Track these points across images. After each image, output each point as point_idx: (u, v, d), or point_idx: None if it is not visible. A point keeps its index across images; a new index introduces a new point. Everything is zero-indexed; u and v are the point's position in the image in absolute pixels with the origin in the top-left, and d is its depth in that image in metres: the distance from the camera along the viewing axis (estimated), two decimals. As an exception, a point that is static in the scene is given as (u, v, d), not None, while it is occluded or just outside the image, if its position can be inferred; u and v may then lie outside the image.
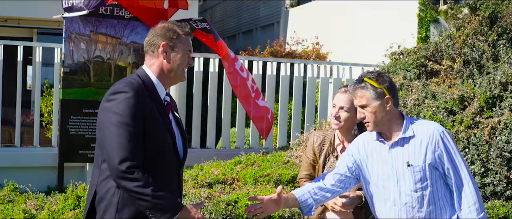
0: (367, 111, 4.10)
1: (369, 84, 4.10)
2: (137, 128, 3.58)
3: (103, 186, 3.69)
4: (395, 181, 4.14)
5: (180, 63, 3.83)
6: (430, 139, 4.08)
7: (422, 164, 4.07)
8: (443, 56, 9.61)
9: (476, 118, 7.96)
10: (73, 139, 8.57)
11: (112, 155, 3.51)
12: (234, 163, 7.92)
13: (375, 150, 4.23)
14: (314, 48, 15.07)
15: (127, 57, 8.86)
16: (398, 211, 4.15)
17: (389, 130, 4.16)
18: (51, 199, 7.19)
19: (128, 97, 3.58)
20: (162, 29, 3.81)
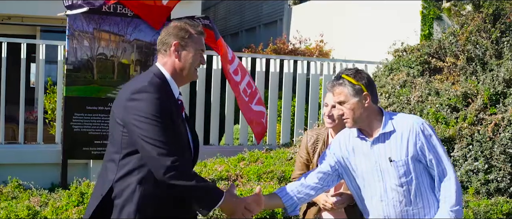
0: (346, 108, 4.11)
1: (347, 81, 4.11)
2: (169, 125, 3.62)
3: (121, 183, 3.70)
4: (380, 176, 4.14)
5: (192, 62, 3.86)
6: (411, 132, 4.09)
7: (405, 158, 4.08)
8: (446, 53, 9.61)
9: (480, 115, 7.95)
10: (77, 136, 8.58)
11: (153, 155, 3.54)
12: (238, 160, 7.93)
13: (357, 147, 4.23)
14: (318, 45, 15.06)
15: (130, 55, 8.86)
16: (386, 207, 4.16)
17: (369, 126, 4.17)
18: (54, 195, 7.21)
19: (155, 97, 3.61)
20: (175, 28, 3.84)
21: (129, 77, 8.82)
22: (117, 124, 3.71)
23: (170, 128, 3.62)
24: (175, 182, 3.57)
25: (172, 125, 3.67)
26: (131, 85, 3.74)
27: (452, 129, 7.82)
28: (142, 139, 3.57)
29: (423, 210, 4.13)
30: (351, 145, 4.26)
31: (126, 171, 3.68)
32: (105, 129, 8.70)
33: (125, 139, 3.67)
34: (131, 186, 3.66)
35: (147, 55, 8.96)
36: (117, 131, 3.72)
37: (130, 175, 3.67)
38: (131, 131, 3.63)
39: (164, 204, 3.72)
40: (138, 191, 3.66)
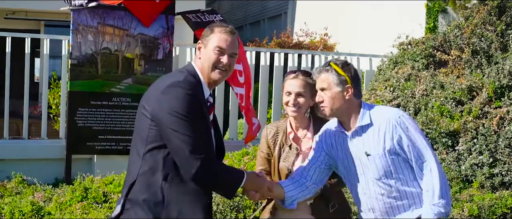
0: (326, 95, 4.11)
1: (333, 69, 4.11)
2: (200, 122, 3.64)
3: (145, 177, 3.69)
4: (361, 170, 4.15)
5: (207, 60, 3.84)
6: (387, 126, 4.07)
7: (382, 152, 4.06)
8: (451, 46, 9.56)
9: (485, 108, 7.92)
10: (81, 131, 8.59)
11: (182, 151, 3.56)
12: (242, 154, 7.90)
13: (338, 140, 4.25)
14: (322, 39, 15.03)
15: (134, 49, 8.86)
16: (369, 199, 4.17)
17: (349, 120, 4.18)
18: (58, 191, 7.21)
19: (187, 93, 3.62)
20: (206, 29, 3.89)
21: (133, 72, 8.82)
22: (144, 117, 3.71)
23: (200, 125, 3.63)
24: (203, 181, 3.64)
25: (202, 122, 3.68)
26: (165, 80, 3.75)
27: (456, 122, 7.79)
28: (171, 133, 3.58)
29: (408, 201, 4.12)
30: (334, 137, 4.28)
31: (150, 166, 3.68)
32: (109, 123, 8.70)
33: (151, 132, 3.66)
34: (157, 182, 3.66)
35: (151, 49, 8.96)
36: (144, 124, 3.71)
37: (156, 171, 3.67)
38: (160, 125, 3.63)
39: (189, 200, 3.71)
40: (164, 187, 3.66)
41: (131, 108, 8.76)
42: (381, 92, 8.91)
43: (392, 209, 4.13)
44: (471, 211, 6.78)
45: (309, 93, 4.44)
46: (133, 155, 3.81)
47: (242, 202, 6.35)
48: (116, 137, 8.73)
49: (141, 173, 3.69)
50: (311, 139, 4.49)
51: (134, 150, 3.81)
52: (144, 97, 3.83)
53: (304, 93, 4.43)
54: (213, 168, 3.65)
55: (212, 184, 3.71)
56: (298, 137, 4.55)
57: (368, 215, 4.22)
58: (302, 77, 4.47)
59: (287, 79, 4.51)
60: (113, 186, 6.58)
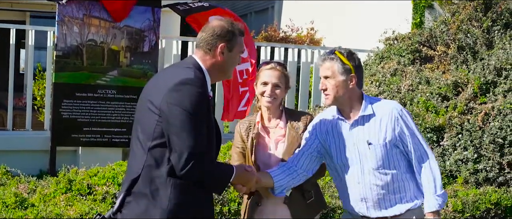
0: (330, 83, 4.17)
1: (338, 58, 4.16)
2: (204, 121, 3.63)
3: (150, 171, 3.68)
4: (357, 159, 4.20)
5: (233, 63, 3.92)
6: (389, 117, 4.15)
7: (382, 142, 4.14)
8: (437, 42, 9.59)
9: (470, 104, 7.95)
10: (66, 123, 8.54)
11: (181, 149, 3.54)
12: (227, 147, 7.88)
13: (336, 128, 4.29)
14: (309, 33, 15.03)
15: (120, 41, 8.81)
16: (363, 189, 4.21)
17: (350, 108, 4.23)
18: (43, 182, 7.17)
19: (198, 91, 3.61)
20: (222, 29, 3.84)
21: (119, 64, 8.77)
22: (151, 113, 3.68)
23: (204, 123, 3.64)
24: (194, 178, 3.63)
25: (208, 120, 3.69)
26: (173, 76, 3.71)
27: (442, 118, 7.81)
28: (176, 129, 3.57)
29: (400, 194, 4.20)
30: (331, 125, 4.31)
31: (156, 160, 3.67)
32: (94, 116, 8.66)
33: (158, 128, 3.64)
34: (162, 176, 3.65)
35: (137, 42, 8.92)
36: (150, 119, 3.69)
37: (161, 165, 3.66)
38: (166, 120, 3.61)
39: (194, 195, 3.73)
40: (169, 181, 3.65)
41: (116, 100, 8.72)
42: (367, 87, 8.92)
43: (384, 201, 4.20)
44: (455, 207, 6.81)
45: (284, 84, 4.47)
46: (136, 149, 3.78)
47: (226, 195, 6.35)
48: (101, 129, 8.69)
49: (146, 167, 3.68)
50: (283, 128, 4.50)
51: (137, 144, 3.78)
52: (148, 93, 3.80)
53: (281, 84, 4.45)
54: (206, 167, 3.63)
55: (203, 181, 3.70)
56: (267, 127, 4.54)
57: (359, 206, 4.26)
58: (279, 68, 4.49)
59: (264, 69, 4.52)
60: (98, 178, 6.54)
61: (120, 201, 3.76)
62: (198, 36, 3.90)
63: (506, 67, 8.16)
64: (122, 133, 8.75)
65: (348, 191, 4.29)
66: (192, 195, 3.72)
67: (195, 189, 3.72)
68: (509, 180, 7.34)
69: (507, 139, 7.46)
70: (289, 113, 4.58)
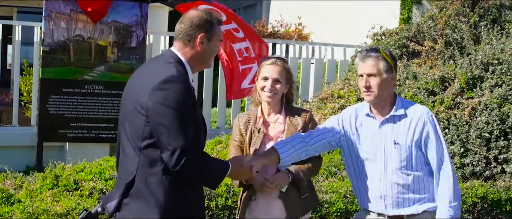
0: (374, 81, 4.20)
1: (382, 56, 4.22)
2: (190, 117, 3.63)
3: (145, 171, 3.67)
4: (382, 157, 4.24)
5: (213, 52, 3.92)
6: (419, 120, 4.21)
7: (409, 144, 4.19)
8: (424, 37, 9.61)
9: (457, 99, 7.97)
10: (53, 118, 8.53)
11: (171, 147, 3.53)
12: (215, 143, 7.88)
13: (365, 125, 4.34)
14: (297, 28, 15.04)
15: (107, 36, 8.79)
16: (384, 187, 4.26)
17: (383, 107, 4.29)
18: (29, 178, 7.14)
19: (183, 88, 3.60)
20: (200, 19, 3.82)
21: (106, 60, 8.76)
22: (138, 113, 3.66)
23: (190, 119, 3.63)
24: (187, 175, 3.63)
25: (193, 114, 3.68)
26: (156, 73, 3.68)
27: (429, 112, 7.83)
28: (163, 128, 3.55)
29: (419, 195, 4.25)
30: (360, 121, 4.37)
31: (149, 160, 3.65)
32: (81, 111, 8.64)
33: (147, 128, 3.63)
34: (157, 176, 3.64)
35: (125, 37, 8.90)
36: (138, 119, 3.66)
37: (155, 164, 3.64)
38: (153, 118, 3.59)
39: (190, 192, 3.74)
40: (165, 180, 3.64)
41: (103, 96, 8.71)
42: (354, 82, 8.93)
43: (403, 200, 4.26)
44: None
45: (285, 79, 4.48)
46: (128, 150, 3.75)
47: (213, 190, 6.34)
48: (88, 124, 8.68)
49: (140, 167, 3.67)
50: (282, 123, 4.51)
51: (128, 145, 3.75)
52: (132, 91, 3.76)
53: (281, 79, 4.46)
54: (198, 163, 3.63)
55: (197, 177, 3.70)
56: (268, 122, 4.55)
57: (377, 203, 4.31)
58: (280, 63, 4.50)
59: (264, 65, 4.52)
60: (84, 173, 6.52)
61: (117, 204, 3.74)
62: (176, 28, 3.88)
63: (493, 62, 8.18)
64: (109, 129, 8.74)
65: (368, 188, 4.35)
66: (187, 193, 3.72)
67: (190, 187, 3.73)
68: (496, 174, 7.37)
69: (494, 134, 7.49)
70: (288, 108, 4.58)
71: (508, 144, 7.47)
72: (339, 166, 7.16)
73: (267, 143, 4.50)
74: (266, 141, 4.51)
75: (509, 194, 7.07)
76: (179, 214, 3.69)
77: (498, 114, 7.58)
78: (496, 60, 8.17)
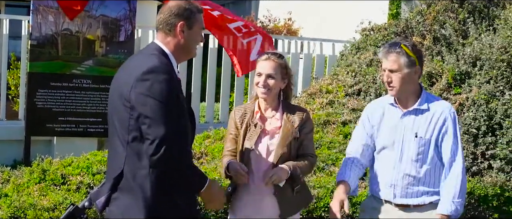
0: (396, 76, 4.29)
1: (404, 51, 4.28)
2: (175, 108, 3.62)
3: (132, 165, 3.68)
4: (400, 146, 4.38)
5: (195, 41, 3.92)
6: (441, 116, 4.32)
7: (429, 138, 4.32)
8: (413, 32, 9.63)
9: (444, 94, 7.99)
10: (40, 112, 8.50)
11: (153, 137, 3.51)
12: (203, 138, 7.87)
13: (387, 114, 4.48)
14: (286, 24, 15.04)
15: (96, 30, 8.77)
16: (396, 175, 4.39)
17: (407, 99, 4.40)
18: (16, 172, 7.12)
19: (165, 78, 3.60)
20: (179, 8, 3.84)
21: (94, 54, 8.73)
22: (124, 107, 3.67)
23: (174, 111, 3.61)
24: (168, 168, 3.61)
25: (178, 105, 3.66)
26: (139, 65, 3.69)
27: (417, 108, 7.85)
28: (146, 119, 3.55)
29: (428, 187, 4.38)
30: (382, 110, 4.51)
31: (136, 153, 3.66)
32: (69, 105, 8.62)
33: (133, 120, 3.63)
34: (144, 170, 3.64)
35: (113, 31, 8.88)
36: (124, 113, 3.67)
37: (142, 158, 3.64)
38: (136, 110, 3.60)
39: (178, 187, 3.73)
40: (152, 173, 3.64)
41: (91, 90, 8.68)
42: (343, 78, 8.95)
43: (412, 191, 4.38)
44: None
45: (280, 75, 4.49)
46: (116, 145, 3.77)
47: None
48: (76, 119, 8.65)
49: (128, 162, 3.68)
50: (279, 119, 4.52)
51: (116, 140, 3.77)
52: (118, 85, 3.77)
53: (275, 75, 4.47)
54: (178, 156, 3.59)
55: (175, 172, 3.66)
56: (265, 117, 4.56)
57: (387, 191, 4.45)
58: (274, 59, 4.51)
59: (259, 61, 4.55)
60: (72, 168, 6.51)
61: (106, 199, 3.75)
62: (156, 19, 3.89)
63: (481, 57, 8.20)
64: (98, 123, 8.72)
65: (380, 175, 4.49)
66: (175, 186, 3.71)
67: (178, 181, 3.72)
68: (483, 170, 7.40)
69: (481, 129, 7.52)
70: (286, 105, 4.59)
71: (496, 140, 7.50)
72: (327, 161, 7.17)
73: (263, 138, 4.50)
74: (262, 136, 4.52)
75: (496, 189, 7.10)
76: (167, 209, 3.68)
77: (486, 110, 7.61)
78: (484, 56, 8.19)
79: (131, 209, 3.67)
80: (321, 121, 7.96)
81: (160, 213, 3.68)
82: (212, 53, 10.03)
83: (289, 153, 4.47)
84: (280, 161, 4.43)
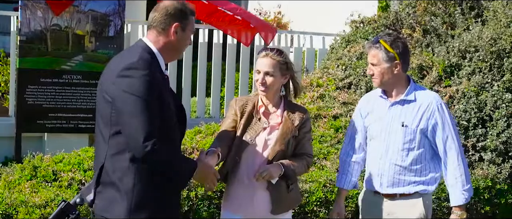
0: (376, 69, 4.51)
1: (383, 46, 4.47)
2: (156, 105, 3.65)
3: (113, 160, 3.72)
4: (387, 136, 4.54)
5: (186, 43, 3.98)
6: (428, 107, 4.48)
7: (414, 128, 4.48)
8: (403, 25, 9.64)
9: (435, 87, 8.01)
10: (31, 109, 8.46)
11: (135, 134, 3.57)
12: (194, 133, 7.86)
13: (377, 106, 4.67)
14: (276, 17, 15.04)
15: (85, 26, 8.74)
16: (382, 165, 4.57)
17: (394, 90, 4.58)
18: (7, 169, 7.10)
19: (145, 74, 3.63)
20: (175, 9, 3.87)
21: (84, 49, 8.70)
22: (105, 101, 3.71)
23: (156, 108, 3.64)
24: (153, 164, 3.68)
25: (160, 102, 3.69)
26: (121, 61, 3.74)
27: (407, 101, 7.86)
28: (126, 115, 3.59)
29: (415, 176, 4.53)
30: (372, 103, 4.72)
31: (117, 149, 3.70)
32: (59, 101, 8.58)
33: (114, 116, 3.68)
34: (124, 164, 3.69)
35: (103, 26, 8.85)
36: (105, 107, 3.72)
37: (122, 153, 3.69)
38: (117, 107, 3.64)
39: (157, 183, 3.76)
40: (131, 168, 3.69)
41: (82, 86, 8.65)
42: (333, 71, 8.95)
43: (399, 180, 4.55)
44: (421, 188, 6.86)
45: (280, 72, 4.47)
46: (98, 139, 3.84)
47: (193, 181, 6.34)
48: (66, 115, 8.62)
49: (109, 156, 3.73)
50: (279, 116, 4.52)
51: (99, 134, 3.83)
52: (102, 79, 3.83)
53: (273, 72, 4.45)
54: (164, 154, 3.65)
55: (163, 170, 3.75)
56: (269, 112, 4.55)
57: (375, 180, 4.64)
58: (272, 55, 4.48)
59: (258, 58, 4.56)
60: (63, 164, 6.50)
61: (94, 193, 3.81)
62: (150, 17, 3.91)
63: (470, 49, 8.22)
64: (88, 119, 8.69)
65: (369, 166, 4.70)
66: (156, 180, 3.75)
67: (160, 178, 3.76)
68: (474, 162, 7.43)
69: (471, 122, 7.55)
70: (287, 103, 4.59)
71: (486, 131, 7.54)
72: (319, 155, 7.18)
73: (262, 133, 4.50)
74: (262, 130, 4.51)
75: (487, 182, 7.14)
76: (147, 201, 3.73)
77: (476, 102, 7.64)
78: (473, 48, 8.21)
79: (114, 202, 3.73)
80: (312, 114, 7.97)
81: (141, 205, 3.72)
82: (202, 47, 10.01)
83: (286, 150, 4.46)
84: (275, 158, 4.43)
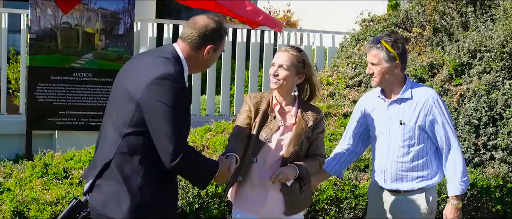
0: (376, 69, 4.58)
1: (384, 46, 4.54)
2: (184, 115, 3.73)
3: (122, 157, 3.72)
4: (388, 135, 4.66)
5: (214, 62, 4.08)
6: (425, 104, 4.57)
7: (413, 125, 4.57)
8: (413, 23, 9.62)
9: (445, 86, 8.00)
10: (41, 106, 8.49)
11: (164, 145, 3.60)
12: (204, 130, 7.86)
13: (376, 106, 4.76)
14: (285, 15, 15.02)
15: (95, 24, 8.76)
16: (385, 162, 4.68)
17: (391, 89, 4.67)
18: (18, 166, 7.12)
19: (179, 87, 3.67)
20: (212, 31, 3.88)
21: (94, 47, 8.72)
22: (128, 100, 3.70)
23: (184, 117, 3.72)
24: (180, 172, 3.77)
25: (187, 111, 3.80)
26: (154, 67, 3.73)
27: (418, 99, 7.85)
28: (159, 123, 3.61)
29: (417, 172, 4.63)
30: (371, 104, 4.81)
31: (128, 149, 3.70)
32: (70, 99, 8.61)
33: (136, 116, 3.67)
34: (133, 165, 3.70)
35: (112, 24, 8.87)
36: (127, 106, 3.71)
37: (134, 153, 3.70)
38: (148, 113, 3.64)
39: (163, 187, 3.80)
40: (140, 171, 3.70)
41: (92, 83, 8.67)
42: (343, 69, 8.94)
43: (402, 176, 4.66)
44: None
45: (294, 68, 4.41)
46: (109, 132, 3.80)
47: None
48: (77, 112, 8.64)
49: (119, 153, 3.71)
50: (293, 116, 4.47)
51: (111, 128, 3.79)
52: (125, 79, 3.81)
53: (288, 67, 4.39)
54: (191, 161, 3.72)
55: (188, 174, 3.86)
56: (284, 112, 4.51)
57: (379, 177, 4.76)
58: (290, 51, 4.47)
59: (278, 52, 4.57)
60: (74, 162, 6.51)
61: (90, 184, 3.79)
62: (185, 31, 3.90)
63: (481, 49, 8.20)
64: (99, 116, 8.69)
65: (375, 163, 4.80)
66: (163, 189, 3.79)
67: (166, 183, 3.81)
68: (485, 161, 7.41)
69: (482, 120, 7.52)
70: (302, 103, 4.54)
71: (497, 130, 7.52)
72: (329, 154, 7.15)
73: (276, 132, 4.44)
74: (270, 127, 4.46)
75: (498, 181, 7.11)
76: (149, 204, 3.74)
77: (487, 101, 7.62)
78: (484, 47, 8.19)
79: (114, 199, 3.71)
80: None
81: (144, 206, 3.73)
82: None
83: (299, 151, 4.45)
84: (289, 159, 4.41)
